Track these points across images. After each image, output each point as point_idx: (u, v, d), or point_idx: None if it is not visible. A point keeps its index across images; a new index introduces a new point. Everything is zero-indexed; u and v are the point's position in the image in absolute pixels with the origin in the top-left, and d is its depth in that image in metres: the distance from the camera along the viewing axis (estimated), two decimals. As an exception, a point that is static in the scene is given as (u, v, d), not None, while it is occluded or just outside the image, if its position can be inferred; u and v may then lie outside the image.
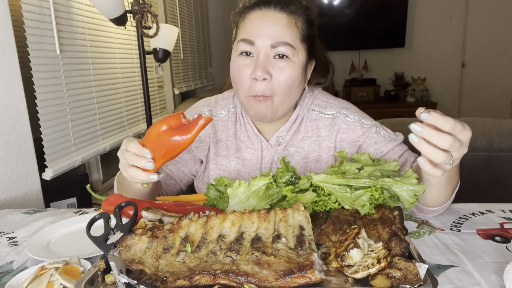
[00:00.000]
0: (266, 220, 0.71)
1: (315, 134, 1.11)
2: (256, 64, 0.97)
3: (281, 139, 1.11)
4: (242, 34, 1.00)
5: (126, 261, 0.66)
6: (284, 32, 0.97)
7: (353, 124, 1.10)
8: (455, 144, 0.67)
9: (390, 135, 1.10)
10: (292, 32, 0.98)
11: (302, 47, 1.01)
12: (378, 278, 0.60)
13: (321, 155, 1.11)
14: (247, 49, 0.99)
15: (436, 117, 0.65)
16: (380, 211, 0.78)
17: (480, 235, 0.87)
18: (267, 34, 0.97)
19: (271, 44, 0.97)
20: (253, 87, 0.99)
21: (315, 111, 1.12)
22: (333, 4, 5.40)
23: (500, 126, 1.80)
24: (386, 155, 1.09)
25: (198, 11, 3.93)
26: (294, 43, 0.98)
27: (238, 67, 1.00)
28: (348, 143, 1.10)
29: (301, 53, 1.01)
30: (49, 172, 1.65)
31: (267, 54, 0.97)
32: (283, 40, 0.97)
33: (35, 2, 1.61)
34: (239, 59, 1.00)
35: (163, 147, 0.79)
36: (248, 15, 1.01)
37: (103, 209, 0.95)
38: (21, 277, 0.72)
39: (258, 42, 0.97)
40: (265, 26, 0.97)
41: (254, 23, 0.99)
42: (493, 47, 5.30)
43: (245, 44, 0.99)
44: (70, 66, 1.85)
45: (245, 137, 1.13)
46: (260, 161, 1.12)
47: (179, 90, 3.32)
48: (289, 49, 0.97)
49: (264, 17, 0.98)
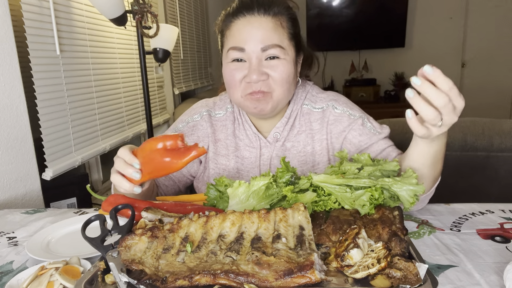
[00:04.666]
0: (266, 220, 0.71)
1: (308, 128, 1.14)
2: (250, 69, 1.00)
3: (279, 135, 1.13)
4: (231, 42, 1.02)
5: (126, 261, 0.66)
6: (272, 34, 1.00)
7: (340, 115, 1.12)
8: (449, 105, 0.68)
9: (376, 128, 1.11)
10: (279, 33, 1.01)
11: (291, 45, 1.04)
12: (378, 278, 0.60)
13: (315, 148, 1.14)
14: (238, 56, 1.01)
15: (438, 73, 0.67)
16: (380, 211, 0.78)
17: (480, 235, 0.87)
18: (256, 39, 0.99)
19: (261, 48, 1.00)
20: (248, 87, 1.02)
21: (307, 106, 1.15)
22: (333, 4, 5.39)
23: (500, 126, 1.80)
24: (370, 147, 1.10)
25: (198, 11, 3.93)
26: (283, 43, 1.02)
27: (231, 71, 1.03)
28: (336, 134, 1.13)
29: (290, 51, 1.04)
30: (49, 172, 1.65)
31: (259, 58, 1.00)
32: (272, 42, 1.00)
33: (35, 2, 1.61)
34: (232, 65, 1.03)
35: (153, 164, 0.80)
36: (234, 23, 1.02)
37: (103, 209, 0.96)
38: (21, 277, 0.72)
39: (249, 48, 1.00)
40: (252, 32, 1.00)
41: (241, 30, 1.01)
42: (493, 47, 5.30)
43: (235, 52, 1.01)
44: (70, 66, 1.85)
45: (243, 135, 1.15)
46: (259, 159, 1.14)
47: (179, 90, 3.32)
48: (279, 50, 1.00)
49: (250, 23, 1.00)
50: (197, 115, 1.18)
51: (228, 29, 1.04)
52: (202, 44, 4.02)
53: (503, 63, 5.30)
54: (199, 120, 1.18)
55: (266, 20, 1.00)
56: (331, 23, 5.18)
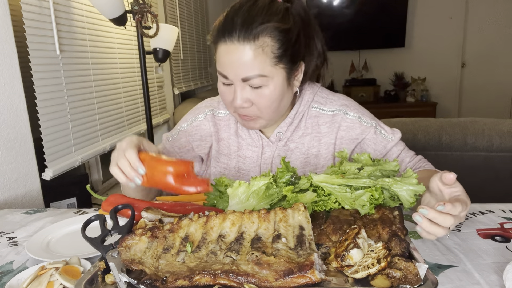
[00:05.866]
0: (266, 220, 0.71)
1: (315, 131, 1.13)
2: (234, 96, 0.98)
3: (281, 135, 1.13)
4: (218, 65, 0.99)
5: (126, 261, 0.66)
6: (252, 64, 0.93)
7: (352, 122, 1.11)
8: (456, 222, 0.71)
9: (388, 133, 1.11)
10: (260, 61, 0.93)
11: (278, 68, 0.96)
12: (378, 278, 0.60)
13: (321, 151, 1.13)
14: (224, 81, 0.99)
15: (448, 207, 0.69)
16: (380, 211, 0.78)
17: (480, 235, 0.87)
18: (236, 70, 0.94)
19: (241, 78, 0.95)
20: (237, 110, 1.01)
21: (315, 108, 1.13)
22: (333, 4, 5.39)
23: (500, 126, 1.80)
24: (384, 156, 1.12)
25: (198, 11, 3.93)
26: (264, 71, 0.94)
27: (221, 92, 1.03)
28: (347, 140, 1.12)
29: (276, 75, 0.97)
30: (49, 172, 1.65)
31: (242, 86, 0.96)
32: (253, 73, 0.94)
33: (35, 2, 1.61)
34: (221, 86, 1.02)
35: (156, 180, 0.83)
36: (218, 46, 0.98)
37: (103, 209, 0.96)
38: (21, 277, 0.72)
39: (230, 76, 0.96)
40: (232, 62, 0.94)
41: (223, 57, 0.96)
42: (493, 47, 5.30)
43: (221, 77, 0.99)
44: (70, 66, 1.85)
45: (246, 135, 1.15)
46: (260, 158, 1.14)
47: (179, 90, 3.32)
48: (260, 80, 0.95)
49: (230, 53, 0.94)
50: (201, 115, 1.18)
51: (216, 48, 1.00)
52: (202, 44, 4.02)
53: (503, 63, 5.30)
54: (202, 120, 1.18)
55: (244, 48, 0.92)
56: (331, 23, 5.17)
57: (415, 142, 1.82)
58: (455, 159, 1.82)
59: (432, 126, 1.85)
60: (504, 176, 1.79)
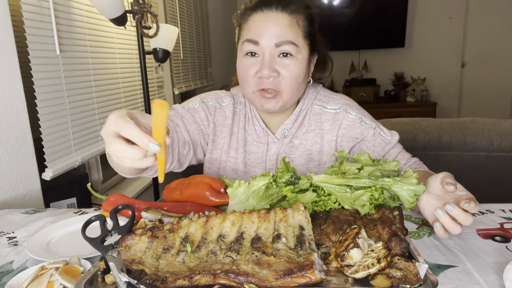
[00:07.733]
0: (266, 220, 0.71)
1: (318, 128, 1.16)
2: (262, 64, 1.01)
3: (287, 132, 1.15)
4: (247, 35, 1.04)
5: (126, 261, 0.66)
6: (287, 31, 1.01)
7: (353, 121, 1.14)
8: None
9: (387, 135, 1.14)
10: (294, 30, 1.02)
11: (305, 44, 1.05)
12: (378, 278, 0.60)
13: (323, 147, 1.16)
14: (252, 49, 1.03)
15: (472, 205, 0.74)
16: (380, 211, 0.78)
17: (480, 235, 0.87)
18: (270, 34, 1.00)
19: (275, 43, 1.01)
20: (260, 82, 1.03)
21: (318, 106, 1.17)
22: (333, 4, 5.39)
23: (500, 126, 1.80)
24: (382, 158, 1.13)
25: (198, 11, 3.93)
26: (297, 41, 1.02)
27: (244, 66, 1.04)
28: (347, 138, 1.15)
29: (304, 50, 1.04)
30: (49, 172, 1.65)
31: (272, 54, 1.01)
32: (286, 39, 1.01)
33: (35, 2, 1.61)
34: (245, 59, 1.04)
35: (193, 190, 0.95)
36: (251, 17, 1.04)
37: (103, 209, 0.96)
38: (21, 277, 0.72)
39: (263, 42, 1.01)
40: (268, 27, 1.01)
41: (258, 24, 1.02)
42: (493, 47, 5.30)
43: (250, 45, 1.02)
44: (70, 66, 1.85)
45: (252, 130, 1.17)
46: (266, 154, 1.16)
47: (179, 90, 3.32)
48: (292, 47, 1.01)
49: (266, 18, 1.01)
50: (226, 101, 1.19)
51: (245, 22, 1.05)
52: (202, 44, 4.02)
53: (503, 63, 5.31)
54: (225, 106, 1.19)
55: (282, 17, 1.01)
56: (331, 23, 5.17)
57: (415, 142, 1.83)
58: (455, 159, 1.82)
59: (432, 126, 1.85)
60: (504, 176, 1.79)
